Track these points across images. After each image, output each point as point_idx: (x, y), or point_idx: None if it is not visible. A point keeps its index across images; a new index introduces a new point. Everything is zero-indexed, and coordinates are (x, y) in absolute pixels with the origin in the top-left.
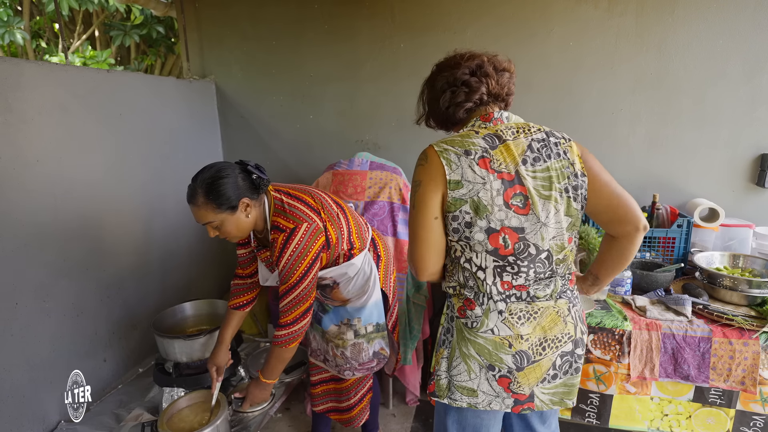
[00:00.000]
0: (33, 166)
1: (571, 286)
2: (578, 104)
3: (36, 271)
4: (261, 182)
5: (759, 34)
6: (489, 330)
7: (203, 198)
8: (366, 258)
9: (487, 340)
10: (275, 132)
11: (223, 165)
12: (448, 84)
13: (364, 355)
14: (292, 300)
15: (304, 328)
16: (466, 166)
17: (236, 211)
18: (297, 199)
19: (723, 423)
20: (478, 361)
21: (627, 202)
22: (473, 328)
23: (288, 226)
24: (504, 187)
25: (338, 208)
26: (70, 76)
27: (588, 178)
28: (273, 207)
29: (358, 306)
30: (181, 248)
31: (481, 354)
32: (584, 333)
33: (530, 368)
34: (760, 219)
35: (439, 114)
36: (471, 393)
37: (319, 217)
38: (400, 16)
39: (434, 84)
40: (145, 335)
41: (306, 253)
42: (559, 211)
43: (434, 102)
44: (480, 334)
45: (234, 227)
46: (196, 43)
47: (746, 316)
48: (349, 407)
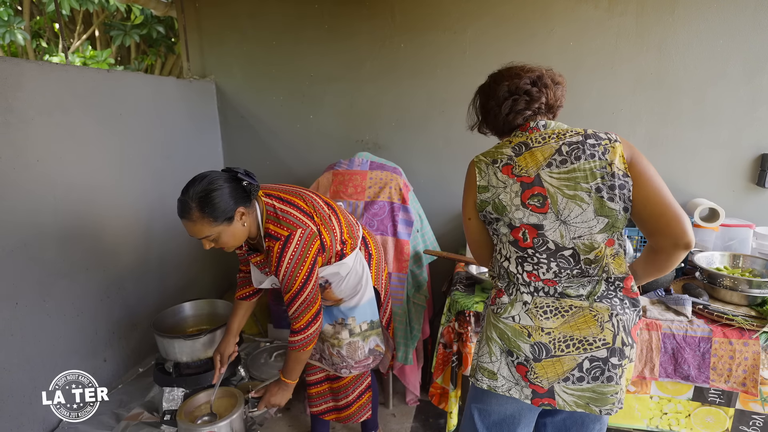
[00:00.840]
0: (33, 166)
1: (622, 294)
2: (578, 104)
3: (36, 271)
4: (252, 188)
5: (759, 34)
6: (510, 317)
7: (198, 212)
8: (358, 257)
9: (507, 326)
10: (275, 132)
11: (213, 175)
12: (510, 92)
13: (360, 353)
14: (299, 306)
15: (318, 330)
16: (492, 174)
17: (232, 222)
18: (289, 203)
19: (722, 422)
20: (499, 344)
21: (671, 212)
22: (497, 314)
23: (282, 234)
24: (522, 189)
25: (330, 210)
26: (71, 76)
27: (632, 180)
28: (265, 213)
29: (351, 305)
30: (181, 248)
31: (502, 338)
32: (627, 345)
33: (549, 362)
34: (760, 219)
35: (498, 121)
36: (492, 375)
37: (312, 222)
38: (400, 16)
39: (494, 92)
40: (145, 335)
41: (304, 259)
42: (585, 210)
43: (494, 109)
44: (501, 319)
45: (231, 238)
46: (196, 43)
47: (746, 316)
48: (347, 404)
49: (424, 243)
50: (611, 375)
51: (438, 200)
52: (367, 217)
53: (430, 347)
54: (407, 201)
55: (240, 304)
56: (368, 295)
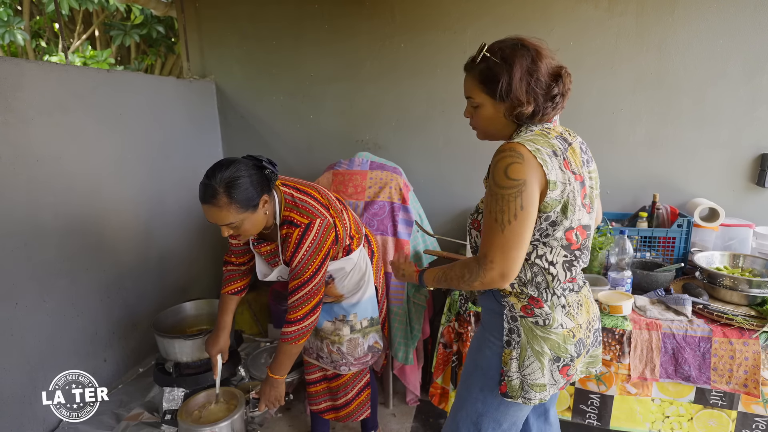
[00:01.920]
0: (33, 166)
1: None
2: (578, 104)
3: (36, 271)
4: (273, 177)
5: (759, 34)
6: (559, 325)
7: (225, 198)
8: (362, 253)
9: (559, 335)
10: (275, 132)
11: (238, 161)
12: (554, 76)
13: (360, 349)
14: (303, 295)
15: (313, 324)
16: (557, 167)
17: (257, 209)
18: (306, 194)
19: (725, 425)
20: (549, 356)
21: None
22: (546, 325)
23: (303, 222)
24: (579, 187)
25: (341, 205)
26: (70, 75)
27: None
28: (284, 202)
29: (353, 302)
30: (181, 248)
31: (552, 349)
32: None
33: (587, 352)
34: (760, 219)
35: (541, 102)
36: (542, 389)
37: (328, 213)
38: (400, 15)
39: (539, 68)
40: (145, 335)
41: (320, 248)
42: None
43: (536, 87)
44: (553, 330)
45: (252, 225)
46: (196, 43)
47: (746, 316)
48: (346, 402)
49: (424, 243)
50: (600, 338)
51: (438, 200)
52: (367, 216)
53: (430, 347)
54: (407, 201)
55: (231, 298)
56: (370, 291)
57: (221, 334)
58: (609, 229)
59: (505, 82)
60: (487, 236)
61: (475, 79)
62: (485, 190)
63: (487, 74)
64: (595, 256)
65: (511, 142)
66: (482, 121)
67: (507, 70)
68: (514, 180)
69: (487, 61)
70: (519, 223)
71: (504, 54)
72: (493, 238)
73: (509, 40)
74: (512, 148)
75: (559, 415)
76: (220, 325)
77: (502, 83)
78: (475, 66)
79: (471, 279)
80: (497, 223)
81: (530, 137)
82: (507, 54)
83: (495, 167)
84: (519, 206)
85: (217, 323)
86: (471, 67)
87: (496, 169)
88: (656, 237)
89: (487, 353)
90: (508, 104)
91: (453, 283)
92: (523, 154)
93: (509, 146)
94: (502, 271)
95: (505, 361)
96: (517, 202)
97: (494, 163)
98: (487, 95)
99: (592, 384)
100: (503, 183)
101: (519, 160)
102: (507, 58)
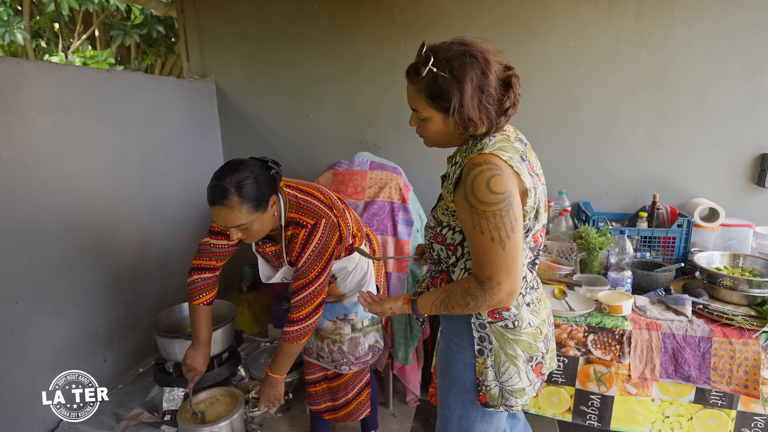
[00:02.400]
0: (33, 166)
1: None
2: (578, 104)
3: (36, 271)
4: (278, 177)
5: (759, 34)
6: (528, 324)
7: (237, 198)
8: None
9: (529, 334)
10: (275, 132)
11: (246, 162)
12: (505, 79)
13: (361, 348)
14: (307, 295)
15: (315, 324)
16: (527, 173)
17: (267, 210)
18: (309, 194)
19: (724, 424)
20: (523, 357)
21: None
22: (516, 327)
23: (309, 222)
24: (542, 188)
25: (343, 204)
26: (71, 75)
27: None
28: (288, 202)
29: (354, 301)
30: (181, 248)
31: (525, 350)
32: None
33: (551, 347)
34: (760, 219)
35: (493, 117)
36: (522, 393)
37: (332, 212)
38: (400, 15)
39: (488, 75)
40: (145, 335)
41: (326, 248)
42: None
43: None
44: (523, 331)
45: (261, 226)
46: (197, 43)
47: (746, 316)
48: (346, 402)
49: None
50: (554, 331)
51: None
52: (367, 216)
53: (430, 347)
54: (407, 201)
55: (204, 309)
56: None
57: (198, 348)
58: (609, 229)
59: (457, 102)
60: (485, 257)
61: (420, 93)
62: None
63: (434, 90)
64: (595, 256)
65: (484, 153)
66: (431, 134)
67: (457, 88)
68: (499, 194)
69: (434, 75)
70: (517, 236)
71: (452, 67)
72: (494, 258)
73: (455, 46)
74: (487, 160)
75: (560, 416)
76: (201, 339)
77: (453, 103)
78: (419, 78)
79: (477, 305)
80: (495, 243)
81: (498, 145)
82: (455, 67)
83: (474, 183)
84: (513, 218)
85: (196, 336)
86: (415, 78)
87: (476, 185)
88: (656, 237)
89: (459, 366)
90: (459, 121)
91: (455, 311)
92: (500, 165)
93: (483, 158)
94: (510, 289)
95: (480, 370)
96: (510, 215)
97: (472, 179)
98: (436, 110)
99: (593, 385)
100: (489, 199)
101: (498, 172)
102: (456, 72)
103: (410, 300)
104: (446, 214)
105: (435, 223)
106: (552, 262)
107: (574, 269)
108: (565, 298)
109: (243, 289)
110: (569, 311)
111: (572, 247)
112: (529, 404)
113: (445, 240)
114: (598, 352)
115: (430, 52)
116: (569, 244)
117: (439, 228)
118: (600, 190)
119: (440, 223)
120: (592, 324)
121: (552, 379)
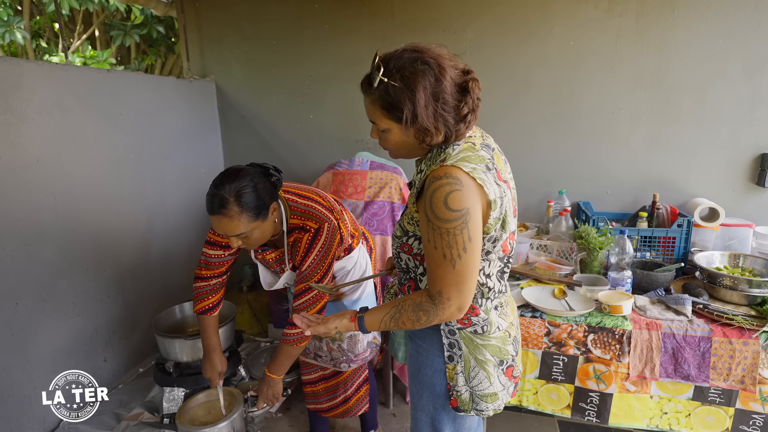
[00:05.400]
0: (33, 166)
1: None
2: (578, 104)
3: (36, 271)
4: (279, 184)
5: (759, 34)
6: (496, 328)
7: (237, 208)
8: (361, 251)
9: (498, 338)
10: (275, 132)
11: (245, 169)
12: (460, 87)
13: (360, 345)
14: (310, 299)
15: None
16: (494, 182)
17: (267, 218)
18: (309, 199)
19: (722, 421)
20: (493, 362)
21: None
22: (485, 332)
23: (312, 226)
24: (509, 195)
25: (340, 206)
26: (70, 75)
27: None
28: (290, 208)
29: (353, 299)
30: (181, 248)
31: (494, 354)
32: None
33: (521, 349)
34: (760, 218)
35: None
36: (494, 398)
37: (332, 216)
38: (400, 15)
39: (442, 85)
40: (146, 335)
41: (329, 251)
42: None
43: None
44: (492, 336)
45: (261, 234)
46: (197, 42)
47: (746, 316)
48: (345, 399)
49: None
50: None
51: None
52: (367, 216)
53: None
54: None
55: (208, 318)
56: (369, 287)
57: (215, 356)
58: (609, 229)
59: (409, 111)
60: (437, 272)
61: (375, 104)
62: (419, 216)
63: (387, 100)
64: (595, 256)
65: (445, 165)
66: (392, 145)
67: (409, 97)
68: (456, 211)
69: (386, 85)
70: (469, 256)
71: (403, 75)
72: (445, 275)
73: (406, 53)
74: (447, 173)
75: (559, 412)
76: (210, 347)
77: (406, 113)
78: (372, 89)
79: (429, 320)
80: (446, 260)
81: (461, 156)
82: (407, 75)
83: (433, 197)
84: (467, 238)
85: (206, 346)
86: (368, 90)
87: (434, 199)
88: (656, 237)
89: (429, 372)
90: (416, 130)
91: (405, 327)
92: (461, 178)
93: (444, 171)
94: (460, 305)
95: (451, 376)
96: (464, 234)
97: (431, 192)
98: (392, 121)
99: (592, 383)
100: (445, 216)
101: (458, 187)
102: (407, 80)
103: (356, 317)
104: (411, 223)
105: (401, 232)
106: (552, 262)
107: (574, 269)
108: (565, 298)
109: (243, 289)
110: (569, 311)
111: (572, 247)
112: (529, 402)
113: (412, 250)
114: (598, 351)
115: (381, 61)
116: (569, 244)
117: (405, 238)
118: (600, 189)
119: (406, 232)
120: (592, 324)
121: (551, 377)
